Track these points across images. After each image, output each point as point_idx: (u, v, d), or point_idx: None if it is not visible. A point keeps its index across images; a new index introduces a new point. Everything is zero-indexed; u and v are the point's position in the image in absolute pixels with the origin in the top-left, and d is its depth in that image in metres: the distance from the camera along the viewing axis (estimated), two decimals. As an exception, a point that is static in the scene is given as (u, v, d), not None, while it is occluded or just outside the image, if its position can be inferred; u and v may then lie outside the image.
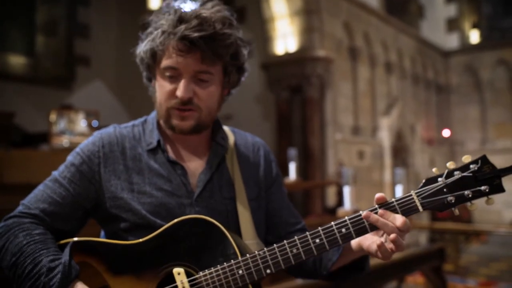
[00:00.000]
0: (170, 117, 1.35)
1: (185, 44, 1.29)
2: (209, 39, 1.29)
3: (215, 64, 1.34)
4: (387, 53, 11.69)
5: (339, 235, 1.21)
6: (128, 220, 1.33)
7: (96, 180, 1.35)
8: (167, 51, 1.32)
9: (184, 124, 1.34)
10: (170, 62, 1.31)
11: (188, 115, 1.34)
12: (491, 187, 1.17)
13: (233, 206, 1.39)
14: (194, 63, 1.31)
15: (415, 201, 1.19)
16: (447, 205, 1.18)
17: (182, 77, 1.32)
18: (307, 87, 8.86)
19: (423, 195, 1.19)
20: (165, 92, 1.34)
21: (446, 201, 1.18)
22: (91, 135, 1.45)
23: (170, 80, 1.33)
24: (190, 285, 1.23)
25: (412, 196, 1.20)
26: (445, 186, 1.18)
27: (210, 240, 1.26)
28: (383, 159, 10.87)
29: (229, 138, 1.50)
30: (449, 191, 1.18)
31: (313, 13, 9.00)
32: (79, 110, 7.23)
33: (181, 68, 1.31)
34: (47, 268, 1.17)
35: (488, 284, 7.21)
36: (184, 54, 1.30)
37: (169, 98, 1.34)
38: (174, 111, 1.34)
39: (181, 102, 1.32)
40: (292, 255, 1.22)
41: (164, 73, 1.34)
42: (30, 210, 1.31)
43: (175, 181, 1.36)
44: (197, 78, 1.33)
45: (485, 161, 1.19)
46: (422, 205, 1.19)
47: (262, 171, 1.51)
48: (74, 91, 10.59)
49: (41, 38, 10.27)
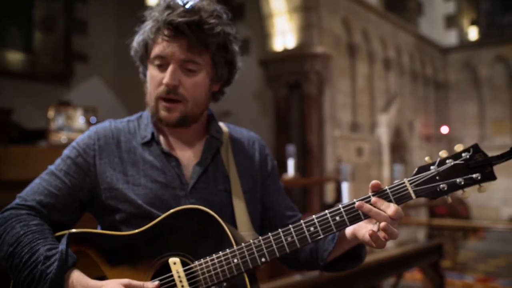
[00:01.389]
0: (158, 109, 1.38)
1: (171, 29, 1.32)
2: (195, 26, 1.32)
3: (202, 54, 1.36)
4: (386, 49, 11.69)
5: (333, 223, 1.22)
6: (124, 211, 1.34)
7: (92, 172, 1.37)
8: (157, 41, 1.35)
9: (170, 116, 1.36)
10: (158, 50, 1.34)
11: (173, 107, 1.36)
12: (483, 174, 1.19)
13: (227, 198, 1.41)
14: (180, 51, 1.33)
15: (408, 188, 1.21)
16: (439, 192, 1.20)
17: (169, 65, 1.35)
18: (306, 84, 8.85)
19: (416, 183, 1.21)
20: (154, 81, 1.37)
21: (439, 188, 1.20)
22: (88, 130, 1.47)
23: (159, 69, 1.36)
24: (186, 274, 1.25)
25: (405, 183, 1.21)
26: (438, 174, 1.20)
27: (206, 230, 1.28)
28: (381, 156, 10.88)
29: (224, 132, 1.51)
30: (442, 178, 1.20)
31: (312, 10, 8.99)
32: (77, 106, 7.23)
33: (168, 55, 1.34)
34: (44, 257, 1.18)
35: (486, 280, 7.23)
36: (170, 40, 1.33)
37: (156, 86, 1.37)
38: (161, 102, 1.37)
39: (167, 90, 1.34)
40: (286, 243, 1.23)
41: (153, 62, 1.37)
42: (26, 202, 1.32)
43: (170, 173, 1.38)
44: (184, 67, 1.35)
45: (477, 150, 1.21)
46: (415, 192, 1.20)
47: (257, 164, 1.52)
48: (72, 87, 10.56)
49: (39, 35, 10.24)
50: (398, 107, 11.71)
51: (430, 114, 14.51)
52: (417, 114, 13.33)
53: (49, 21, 10.35)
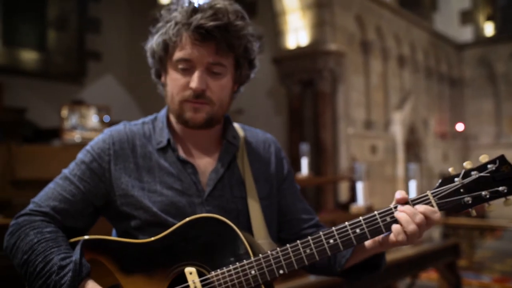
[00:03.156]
0: (183, 110, 1.34)
1: (200, 33, 1.28)
2: (223, 30, 1.29)
3: (228, 56, 1.34)
4: (400, 46, 11.57)
5: (353, 236, 1.20)
6: (139, 218, 1.32)
7: (107, 178, 1.35)
8: (180, 43, 1.31)
9: (197, 117, 1.33)
10: (184, 54, 1.31)
11: (201, 107, 1.33)
12: (509, 188, 1.15)
13: (244, 205, 1.38)
14: (208, 54, 1.30)
15: (431, 201, 1.18)
16: (464, 205, 1.16)
17: (195, 69, 1.31)
18: (319, 81, 8.79)
19: (440, 195, 1.18)
20: (178, 85, 1.33)
21: (463, 201, 1.16)
22: (102, 132, 1.44)
23: (183, 72, 1.32)
24: (202, 285, 1.22)
25: (428, 196, 1.19)
26: (462, 187, 1.17)
27: (222, 239, 1.25)
28: (395, 154, 10.78)
29: (240, 136, 1.49)
30: (466, 191, 1.16)
31: (325, 7, 8.92)
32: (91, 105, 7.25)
33: (194, 59, 1.30)
34: (58, 266, 1.17)
35: (503, 280, 7.11)
36: (199, 44, 1.29)
37: (182, 90, 1.33)
38: (187, 104, 1.33)
39: (195, 94, 1.31)
40: (305, 255, 1.21)
41: (176, 66, 1.33)
42: (40, 208, 1.30)
43: (186, 180, 1.35)
44: (210, 70, 1.32)
45: (503, 161, 1.17)
46: (438, 205, 1.18)
47: (273, 169, 1.50)
48: (85, 86, 10.62)
49: (52, 33, 10.32)
50: (413, 104, 11.60)
51: (445, 111, 14.36)
52: (431, 111, 13.20)
53: (63, 20, 10.42)
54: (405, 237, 1.17)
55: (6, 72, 9.15)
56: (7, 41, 9.57)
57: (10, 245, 1.26)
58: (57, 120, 8.52)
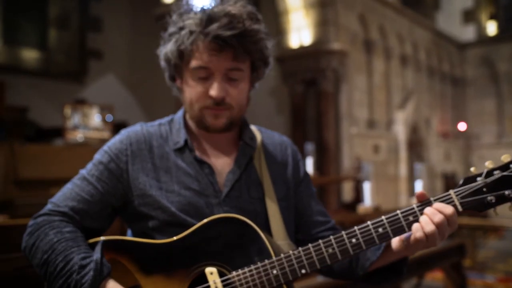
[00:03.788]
0: (203, 117, 1.35)
1: (218, 43, 1.28)
2: (240, 37, 1.29)
3: (245, 61, 1.35)
4: (402, 45, 11.56)
5: (376, 235, 1.20)
6: (157, 218, 1.32)
7: (124, 178, 1.35)
8: (197, 52, 1.31)
9: (217, 123, 1.35)
10: (201, 63, 1.31)
11: (221, 113, 1.34)
12: None
13: (261, 206, 1.38)
14: (226, 62, 1.31)
15: (454, 200, 1.18)
16: (487, 205, 1.17)
17: (213, 76, 1.32)
18: (322, 81, 8.78)
19: (462, 195, 1.18)
20: (197, 92, 1.34)
21: (486, 201, 1.16)
22: (118, 133, 1.44)
23: (201, 80, 1.33)
24: (223, 285, 1.22)
25: (451, 195, 1.19)
26: (485, 186, 1.17)
27: (242, 239, 1.25)
28: (398, 153, 10.77)
29: (256, 137, 1.49)
30: (489, 190, 1.17)
31: (328, 6, 8.90)
32: (93, 104, 7.20)
33: (212, 67, 1.31)
34: (79, 266, 1.17)
35: (507, 280, 7.09)
36: (217, 53, 1.29)
37: (201, 99, 1.34)
38: (207, 111, 1.34)
39: (215, 102, 1.32)
40: (327, 254, 1.21)
41: (194, 74, 1.33)
42: (59, 208, 1.30)
43: (203, 181, 1.36)
44: (228, 76, 1.33)
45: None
46: (461, 204, 1.18)
47: (290, 171, 1.50)
48: (86, 85, 10.59)
49: (53, 32, 10.29)
50: (415, 103, 11.59)
51: (447, 111, 14.36)
52: (434, 110, 13.19)
53: (64, 19, 10.39)
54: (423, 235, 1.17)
55: (8, 70, 9.12)
56: (8, 40, 9.55)
57: (29, 245, 1.26)
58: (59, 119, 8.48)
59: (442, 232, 1.17)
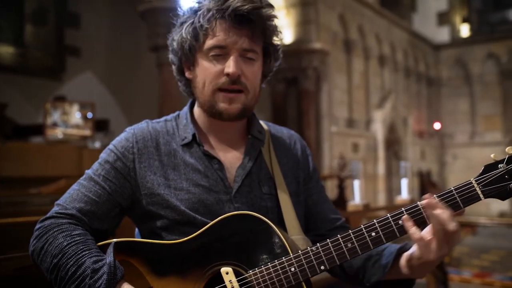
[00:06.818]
0: (216, 101, 1.30)
1: (236, 20, 1.25)
2: (258, 15, 1.26)
3: (260, 43, 1.32)
4: (381, 46, 11.71)
5: (396, 228, 1.15)
6: (167, 217, 1.27)
7: (132, 177, 1.30)
8: (212, 31, 1.27)
9: (232, 108, 1.30)
10: (217, 41, 1.27)
11: (236, 97, 1.29)
12: None
13: (273, 202, 1.34)
14: (243, 40, 1.27)
15: (476, 189, 1.13)
16: (510, 192, 1.12)
17: (229, 55, 1.27)
18: (303, 80, 8.82)
19: (484, 183, 1.12)
20: (211, 72, 1.28)
21: (509, 188, 1.11)
22: (124, 131, 1.38)
23: (216, 59, 1.28)
24: (240, 284, 1.17)
25: (472, 183, 1.13)
26: (507, 172, 1.12)
27: (258, 237, 1.20)
28: (376, 152, 10.92)
29: (265, 130, 1.45)
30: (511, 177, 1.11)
31: (310, 5, 8.96)
32: (74, 102, 7.10)
33: (229, 45, 1.26)
34: (92, 270, 1.12)
35: (483, 275, 7.26)
36: (235, 29, 1.26)
37: (216, 78, 1.28)
38: (220, 94, 1.29)
39: (230, 80, 1.27)
40: (347, 250, 1.16)
41: (208, 54, 1.29)
42: (66, 210, 1.25)
43: (212, 177, 1.31)
44: (243, 56, 1.28)
45: None
46: (483, 193, 1.12)
47: (300, 165, 1.46)
48: (64, 82, 10.38)
49: (30, 28, 10.04)
50: (393, 103, 11.76)
51: (423, 110, 14.60)
52: (410, 110, 13.40)
53: (41, 14, 10.15)
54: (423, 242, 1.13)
55: (-18, 66, 8.88)
56: (-17, 36, 9.30)
57: (37, 249, 1.21)
58: (36, 116, 8.30)
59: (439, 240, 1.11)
